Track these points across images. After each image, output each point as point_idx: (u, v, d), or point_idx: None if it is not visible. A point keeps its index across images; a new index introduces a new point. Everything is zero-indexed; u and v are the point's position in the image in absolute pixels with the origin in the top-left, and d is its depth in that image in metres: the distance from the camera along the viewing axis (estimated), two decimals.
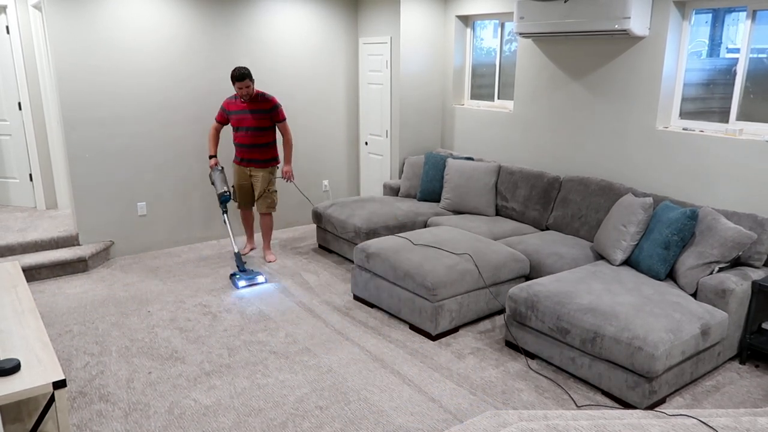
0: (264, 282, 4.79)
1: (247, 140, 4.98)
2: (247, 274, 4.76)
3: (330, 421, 2.98)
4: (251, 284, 4.73)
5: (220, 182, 4.95)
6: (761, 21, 3.90)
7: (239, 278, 4.71)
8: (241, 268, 4.83)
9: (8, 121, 5.95)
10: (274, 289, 4.66)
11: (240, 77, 4.72)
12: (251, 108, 4.92)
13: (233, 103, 4.97)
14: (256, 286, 4.72)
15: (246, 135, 4.97)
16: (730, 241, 3.41)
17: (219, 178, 4.97)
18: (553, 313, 3.36)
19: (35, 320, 2.71)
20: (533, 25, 4.75)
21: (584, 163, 4.93)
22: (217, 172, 5.00)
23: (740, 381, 3.40)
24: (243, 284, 4.69)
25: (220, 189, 4.91)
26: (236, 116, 4.96)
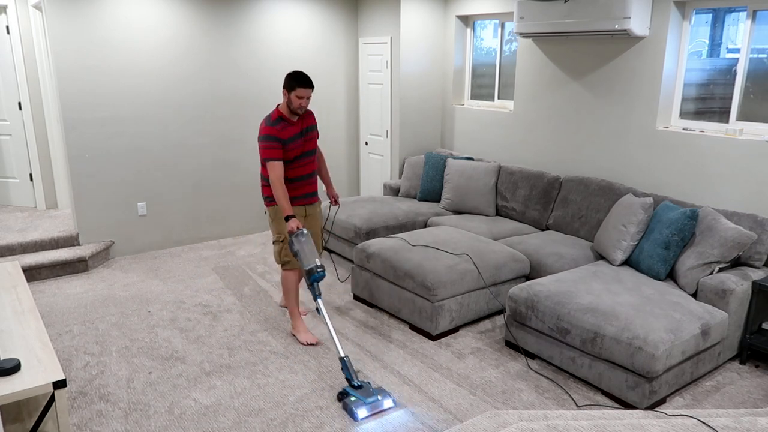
0: (393, 406, 3.13)
1: (308, 169, 3.78)
2: (365, 394, 3.11)
3: (330, 421, 2.98)
4: (376, 411, 3.07)
5: (309, 253, 3.47)
6: (761, 21, 3.90)
7: (355, 402, 3.07)
8: (355, 382, 3.17)
9: (8, 121, 5.95)
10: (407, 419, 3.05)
11: (308, 82, 3.57)
12: (305, 126, 3.75)
13: (284, 128, 3.61)
14: (383, 415, 3.07)
15: (306, 163, 3.76)
16: (730, 241, 3.41)
17: (306, 248, 3.48)
18: (553, 313, 3.36)
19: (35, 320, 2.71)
20: (533, 25, 4.75)
21: (584, 163, 4.93)
22: (302, 237, 3.50)
23: (740, 381, 3.40)
24: (364, 414, 3.03)
25: (310, 263, 3.43)
26: (294, 143, 3.65)
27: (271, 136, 3.57)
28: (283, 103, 3.68)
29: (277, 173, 3.56)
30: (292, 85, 3.57)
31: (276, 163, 3.57)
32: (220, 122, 5.72)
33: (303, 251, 3.47)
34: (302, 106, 3.61)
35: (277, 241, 3.82)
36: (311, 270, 3.41)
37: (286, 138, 3.60)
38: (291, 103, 3.60)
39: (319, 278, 3.42)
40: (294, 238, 3.51)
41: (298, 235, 3.51)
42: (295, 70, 3.62)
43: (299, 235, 3.51)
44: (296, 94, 3.57)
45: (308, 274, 3.42)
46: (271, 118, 3.65)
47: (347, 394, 3.13)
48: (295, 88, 3.56)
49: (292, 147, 3.64)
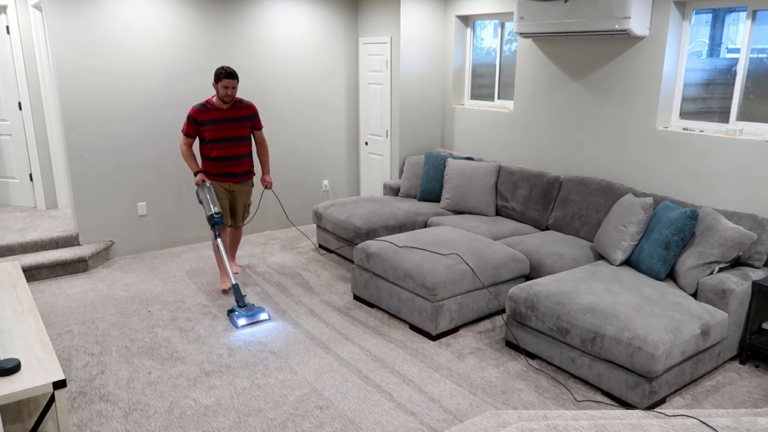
0: (267, 319, 4.13)
1: (229, 152, 4.43)
2: (247, 310, 4.08)
3: (330, 421, 2.98)
4: (253, 322, 4.06)
5: (210, 201, 4.31)
6: (761, 21, 3.90)
7: (238, 315, 4.04)
8: (241, 302, 4.15)
9: (8, 121, 5.95)
10: (279, 327, 4.02)
11: (229, 74, 4.18)
12: (231, 116, 4.37)
13: (206, 111, 4.31)
14: (259, 324, 4.06)
15: (226, 147, 4.40)
16: (730, 241, 3.41)
17: (209, 197, 4.33)
18: (553, 313, 3.36)
19: (35, 320, 2.71)
20: (533, 25, 4.75)
21: (584, 163, 4.93)
22: (205, 189, 4.35)
23: (740, 381, 3.40)
24: (243, 322, 4.02)
25: (211, 209, 4.28)
26: (213, 126, 4.32)
27: (189, 115, 4.33)
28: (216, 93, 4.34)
29: (183, 143, 4.38)
30: (219, 76, 4.19)
31: (184, 137, 4.37)
32: None
33: (206, 199, 4.32)
34: (228, 95, 4.23)
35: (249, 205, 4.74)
36: (212, 216, 4.28)
37: (201, 120, 4.31)
38: (218, 92, 4.25)
39: (219, 222, 4.30)
40: (199, 189, 4.37)
41: (203, 187, 4.37)
42: (223, 65, 4.19)
43: (203, 187, 4.36)
44: (222, 84, 4.20)
45: (209, 218, 4.29)
46: (201, 102, 4.38)
47: (234, 310, 4.10)
48: (221, 79, 4.19)
49: (207, 129, 4.33)
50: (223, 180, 4.50)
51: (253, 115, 4.48)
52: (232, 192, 4.59)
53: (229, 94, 4.23)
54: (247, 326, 4.00)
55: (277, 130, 6.11)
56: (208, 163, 4.45)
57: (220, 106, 4.31)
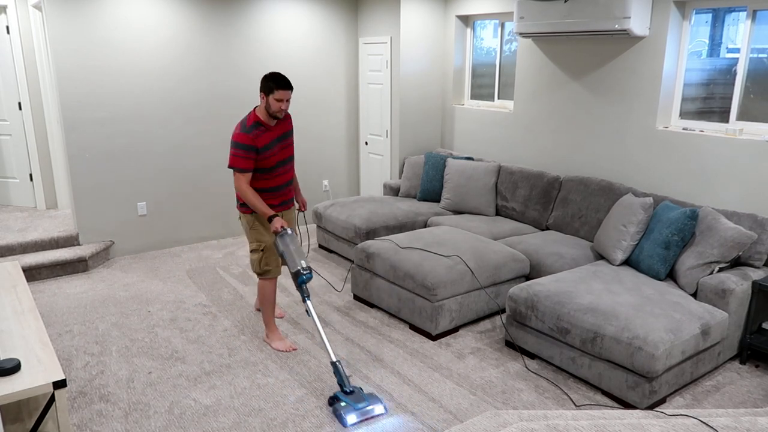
0: (384, 413, 3.06)
1: (286, 177, 3.61)
2: (356, 400, 3.01)
3: (330, 422, 2.98)
4: (366, 418, 3.01)
5: (295, 254, 3.32)
6: (761, 21, 3.90)
7: (345, 407, 3.00)
8: (347, 387, 3.08)
9: (8, 121, 5.96)
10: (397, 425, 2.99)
11: (287, 83, 3.37)
12: (282, 132, 3.56)
13: (260, 135, 3.41)
14: (373, 421, 3.01)
15: (284, 171, 3.59)
16: (730, 241, 3.41)
17: (293, 248, 3.35)
18: (553, 313, 3.36)
19: (35, 320, 2.71)
20: (533, 25, 4.75)
21: (584, 162, 4.93)
22: (287, 238, 3.37)
23: (740, 381, 3.40)
24: (353, 420, 2.97)
25: (297, 264, 3.28)
26: (271, 151, 3.47)
27: (243, 145, 3.36)
28: (260, 107, 3.45)
29: (243, 182, 3.40)
30: (270, 87, 3.35)
31: (243, 175, 3.40)
32: (220, 122, 5.71)
33: (289, 252, 3.32)
34: (282, 110, 3.40)
35: (256, 250, 3.61)
36: (298, 272, 3.26)
37: (261, 146, 3.41)
38: (270, 106, 3.40)
39: (306, 280, 3.28)
40: (279, 239, 3.37)
41: (283, 235, 3.37)
42: (273, 72, 3.42)
43: (284, 235, 3.36)
44: (275, 97, 3.36)
45: (295, 276, 3.28)
46: (246, 123, 3.41)
47: (338, 399, 3.05)
48: (273, 90, 3.35)
49: (268, 155, 3.45)
50: (280, 210, 3.70)
51: (292, 128, 3.70)
52: None
53: (284, 109, 3.42)
54: (358, 423, 2.97)
55: None
56: (265, 197, 3.56)
57: (268, 123, 3.47)
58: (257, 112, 3.46)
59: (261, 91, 3.40)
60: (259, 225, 3.57)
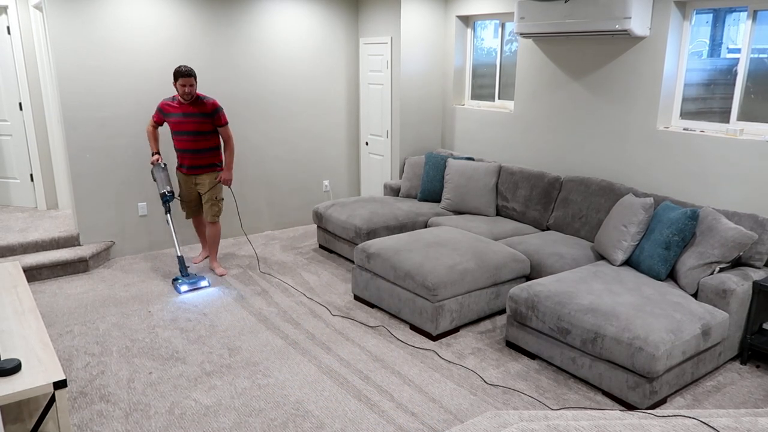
0: (207, 286, 4.69)
1: (189, 145, 4.72)
2: (189, 279, 4.62)
3: (330, 422, 2.98)
4: (193, 288, 4.63)
5: (162, 180, 4.69)
6: (762, 21, 3.90)
7: (181, 282, 4.59)
8: (184, 272, 4.66)
9: (9, 122, 5.96)
10: (218, 294, 4.55)
11: (186, 73, 4.47)
12: (191, 111, 4.63)
13: (171, 105, 4.67)
14: (199, 291, 4.61)
15: (187, 140, 4.70)
16: (730, 242, 3.41)
17: (161, 176, 4.70)
18: (553, 313, 3.36)
19: (36, 320, 2.71)
20: (534, 26, 4.74)
21: (585, 163, 4.93)
22: (159, 168, 4.73)
23: (741, 381, 3.40)
24: (185, 289, 4.59)
25: (162, 188, 4.67)
26: (174, 119, 4.67)
27: (158, 105, 4.75)
28: None
29: (149, 123, 4.81)
30: (175, 76, 4.48)
31: (151, 120, 4.81)
32: None
33: (158, 178, 4.69)
34: (186, 92, 4.52)
35: (220, 200, 4.90)
36: (164, 193, 4.64)
37: (165, 111, 4.69)
38: (177, 90, 4.54)
39: (168, 200, 4.67)
40: (154, 168, 4.74)
41: (157, 167, 4.74)
42: (180, 65, 4.63)
43: (157, 167, 4.73)
44: (178, 84, 4.49)
45: (162, 196, 4.65)
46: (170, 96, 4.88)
47: (177, 279, 4.62)
48: (177, 78, 4.47)
49: (170, 121, 4.69)
50: (188, 172, 4.81)
51: (212, 112, 4.66)
52: (197, 185, 4.86)
53: (187, 92, 4.52)
54: (188, 292, 4.58)
55: (278, 130, 6.11)
56: (177, 154, 4.85)
57: (181, 100, 4.62)
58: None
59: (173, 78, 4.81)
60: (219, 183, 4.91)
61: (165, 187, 4.66)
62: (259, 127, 5.97)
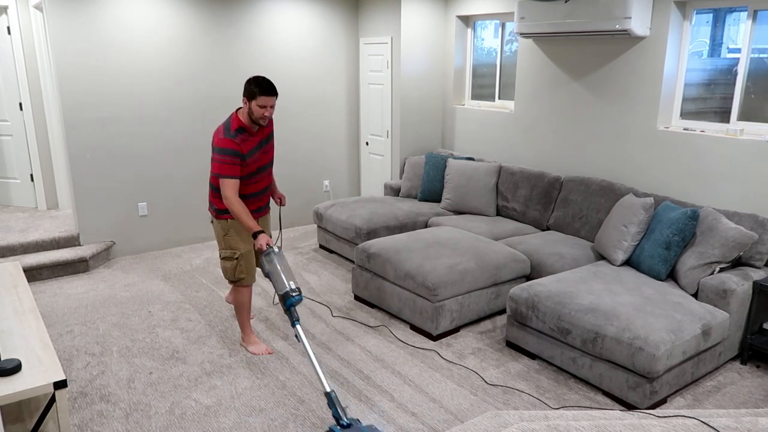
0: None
1: (264, 183, 3.51)
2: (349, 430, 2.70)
3: (331, 422, 2.98)
4: None
5: (284, 274, 3.10)
6: (762, 21, 3.90)
7: None
8: (343, 421, 2.72)
9: (9, 122, 5.96)
10: None
11: (269, 90, 3.21)
12: (262, 138, 3.41)
13: (245, 140, 3.28)
14: None
15: (264, 177, 3.49)
16: (731, 242, 3.41)
17: (281, 268, 3.13)
18: (553, 313, 3.36)
19: (36, 320, 2.71)
20: (534, 26, 4.74)
21: (585, 163, 4.93)
22: (274, 256, 3.16)
23: (741, 381, 3.40)
24: None
25: (286, 286, 3.06)
26: (253, 157, 3.35)
27: (229, 150, 3.19)
28: (243, 111, 3.27)
29: (232, 190, 3.21)
30: (253, 93, 3.18)
31: (232, 181, 3.21)
32: (220, 122, 5.72)
33: (277, 272, 3.09)
34: (265, 117, 3.26)
35: (230, 258, 3.44)
36: (287, 294, 3.02)
37: (246, 152, 3.26)
38: (252, 112, 3.23)
39: (295, 302, 3.03)
40: (265, 258, 3.16)
41: (269, 253, 3.15)
42: (257, 75, 3.23)
43: (270, 253, 3.15)
44: (258, 103, 3.19)
45: (284, 298, 3.04)
46: (230, 128, 3.22)
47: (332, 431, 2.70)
48: (256, 96, 3.18)
49: (250, 161, 3.31)
50: (257, 216, 3.60)
51: (273, 131, 3.57)
52: None
53: (267, 115, 3.26)
54: None
55: (278, 130, 6.11)
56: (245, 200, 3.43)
57: (251, 128, 3.32)
58: (240, 116, 3.29)
59: (244, 95, 3.23)
60: (234, 232, 3.42)
61: (289, 283, 3.07)
62: None
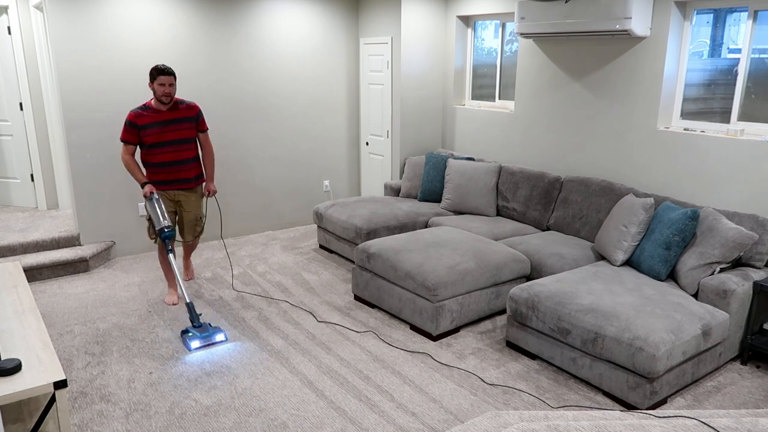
0: (224, 341, 3.79)
1: (171, 157, 4.10)
2: (202, 331, 3.75)
3: (331, 422, 2.98)
4: (207, 344, 3.73)
5: (160, 214, 4.05)
6: (762, 21, 3.90)
7: (192, 337, 3.71)
8: (196, 322, 3.81)
9: (10, 122, 5.96)
10: (238, 350, 3.69)
11: (166, 71, 3.89)
12: (172, 117, 4.05)
13: (145, 115, 3.99)
14: (214, 347, 3.72)
15: (170, 151, 4.09)
16: (731, 242, 3.41)
17: (158, 209, 4.06)
18: (554, 313, 3.36)
19: (36, 320, 2.71)
20: (534, 26, 4.74)
21: (585, 163, 4.93)
22: (154, 201, 4.07)
23: (741, 381, 3.40)
24: (197, 345, 3.69)
25: (161, 222, 4.03)
26: (153, 129, 4.01)
27: (127, 121, 3.99)
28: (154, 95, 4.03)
29: (123, 153, 4.03)
30: (153, 75, 3.90)
31: (125, 146, 4.03)
32: (220, 122, 5.72)
33: (155, 212, 4.06)
34: (166, 93, 3.94)
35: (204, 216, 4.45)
36: (162, 230, 4.03)
37: (141, 124, 3.99)
38: (155, 91, 3.95)
39: (170, 236, 4.03)
40: (147, 202, 4.09)
41: (151, 199, 4.07)
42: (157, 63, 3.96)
43: (152, 199, 4.07)
44: (158, 82, 3.91)
45: (159, 232, 4.04)
46: (138, 106, 4.06)
47: (188, 331, 3.78)
48: (155, 77, 3.90)
49: (147, 134, 4.01)
50: (168, 188, 4.20)
51: (196, 116, 4.17)
52: (178, 202, 4.28)
53: (167, 92, 3.94)
54: (201, 348, 3.68)
55: (278, 130, 6.11)
56: (151, 170, 4.14)
57: (159, 108, 4.02)
58: (152, 99, 4.07)
59: (149, 80, 3.94)
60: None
61: (163, 221, 4.03)
62: (260, 127, 5.97)
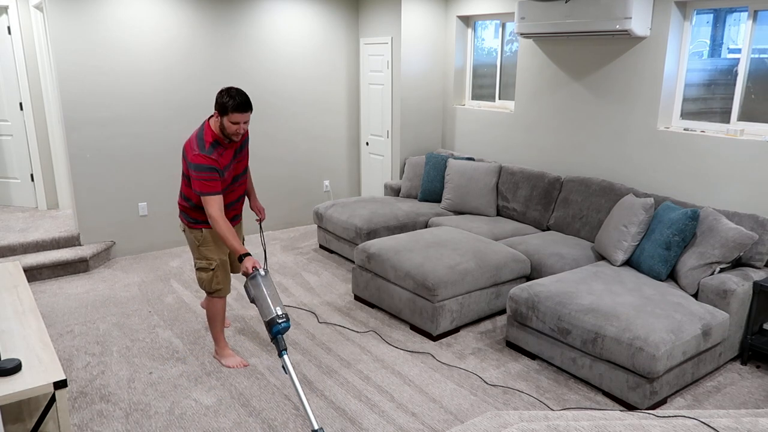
0: None
1: (239, 192, 3.37)
2: None
3: (331, 422, 2.98)
4: None
5: (270, 299, 2.83)
6: (762, 21, 3.90)
7: None
8: None
9: (10, 122, 5.96)
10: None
11: (241, 106, 2.98)
12: (236, 147, 3.24)
13: (221, 154, 3.10)
14: None
15: (237, 186, 3.33)
16: (731, 242, 3.41)
17: (267, 293, 2.86)
18: (554, 313, 3.36)
19: (36, 320, 2.71)
20: (534, 26, 4.74)
21: (585, 163, 4.93)
22: (260, 279, 2.91)
23: (741, 382, 3.40)
24: None
25: (272, 312, 2.79)
26: (229, 171, 3.20)
27: (206, 167, 3.00)
28: (215, 123, 3.07)
29: (217, 208, 3.02)
30: (225, 108, 2.96)
31: (216, 197, 3.03)
32: None
33: (263, 296, 2.83)
34: (238, 133, 3.04)
35: (205, 269, 3.29)
36: (273, 321, 2.75)
37: (223, 167, 3.09)
38: (224, 128, 3.03)
39: (282, 330, 2.76)
40: (250, 281, 2.91)
41: (255, 276, 2.90)
42: (231, 87, 2.99)
43: (256, 277, 2.89)
44: (230, 120, 2.98)
45: (269, 325, 2.76)
46: (204, 142, 3.03)
47: None
48: (228, 112, 2.96)
49: (227, 174, 3.16)
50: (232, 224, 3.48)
51: (247, 140, 3.37)
52: None
53: (240, 132, 3.05)
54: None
55: (278, 130, 6.11)
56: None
57: (224, 140, 3.14)
58: (213, 127, 3.09)
59: (216, 108, 3.01)
60: (208, 242, 3.27)
61: (276, 309, 2.79)
62: (260, 127, 5.97)
